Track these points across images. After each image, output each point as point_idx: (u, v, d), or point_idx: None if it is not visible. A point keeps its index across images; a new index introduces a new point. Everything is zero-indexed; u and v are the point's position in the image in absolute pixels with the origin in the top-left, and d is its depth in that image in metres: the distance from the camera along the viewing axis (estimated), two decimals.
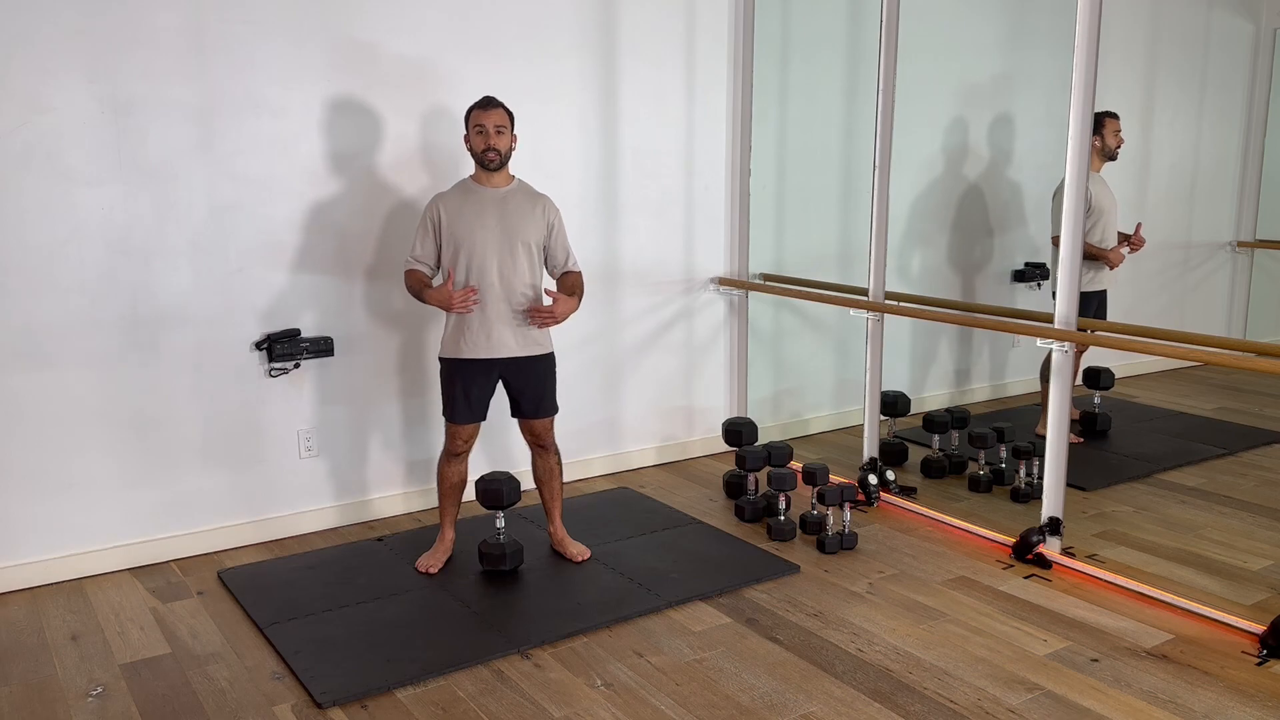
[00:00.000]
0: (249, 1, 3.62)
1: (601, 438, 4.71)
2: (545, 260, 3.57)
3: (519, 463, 4.35)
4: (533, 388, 3.57)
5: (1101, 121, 4.67)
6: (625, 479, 4.68)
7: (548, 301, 3.54)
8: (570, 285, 3.56)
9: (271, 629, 3.22)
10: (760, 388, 5.12)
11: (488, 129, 3.40)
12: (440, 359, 3.56)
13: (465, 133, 3.47)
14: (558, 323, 3.48)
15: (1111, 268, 4.72)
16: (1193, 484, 4.49)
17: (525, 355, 3.52)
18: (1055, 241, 4.78)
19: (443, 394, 3.58)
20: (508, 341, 3.48)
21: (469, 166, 4.09)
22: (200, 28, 3.56)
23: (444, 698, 2.85)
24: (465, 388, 3.51)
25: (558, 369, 3.72)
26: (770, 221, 5.00)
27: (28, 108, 3.34)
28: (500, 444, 4.39)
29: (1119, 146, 4.73)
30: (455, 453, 3.60)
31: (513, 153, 3.50)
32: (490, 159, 3.42)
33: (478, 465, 4.24)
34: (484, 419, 3.59)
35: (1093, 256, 4.67)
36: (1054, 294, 3.65)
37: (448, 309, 3.41)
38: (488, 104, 3.44)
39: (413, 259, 3.53)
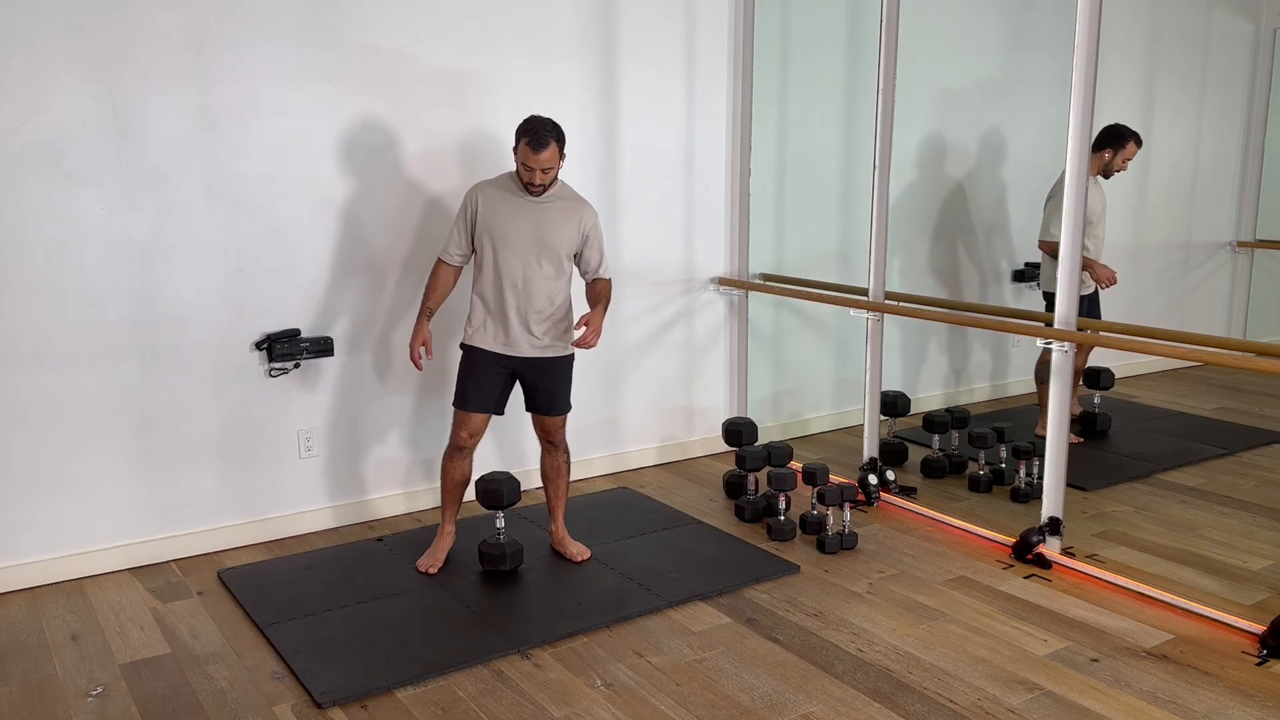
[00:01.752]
0: (249, 1, 3.62)
1: (601, 438, 4.72)
2: (578, 263, 3.58)
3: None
4: (546, 385, 3.58)
5: (1124, 140, 4.59)
6: (625, 479, 4.68)
7: (578, 333, 3.55)
8: (596, 294, 3.59)
9: (271, 629, 3.22)
10: (760, 388, 5.12)
11: (535, 170, 3.34)
12: (461, 345, 3.59)
13: (515, 144, 3.37)
14: (598, 336, 3.46)
15: (1101, 284, 4.63)
16: (1193, 484, 4.49)
17: (544, 357, 3.54)
18: (1043, 246, 4.73)
19: (458, 380, 3.59)
20: (521, 344, 3.50)
21: (471, 167, 4.11)
22: (200, 28, 3.56)
23: (444, 698, 2.85)
24: (479, 377, 3.52)
25: None
26: (770, 221, 5.00)
27: (28, 108, 3.34)
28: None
29: (1120, 170, 4.68)
30: (460, 446, 3.59)
31: (560, 170, 3.45)
32: (534, 192, 3.41)
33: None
34: (498, 413, 3.58)
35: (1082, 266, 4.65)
36: (1044, 294, 3.63)
37: (411, 344, 3.53)
38: (538, 144, 3.29)
39: (448, 253, 3.55)
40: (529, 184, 3.39)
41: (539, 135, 3.31)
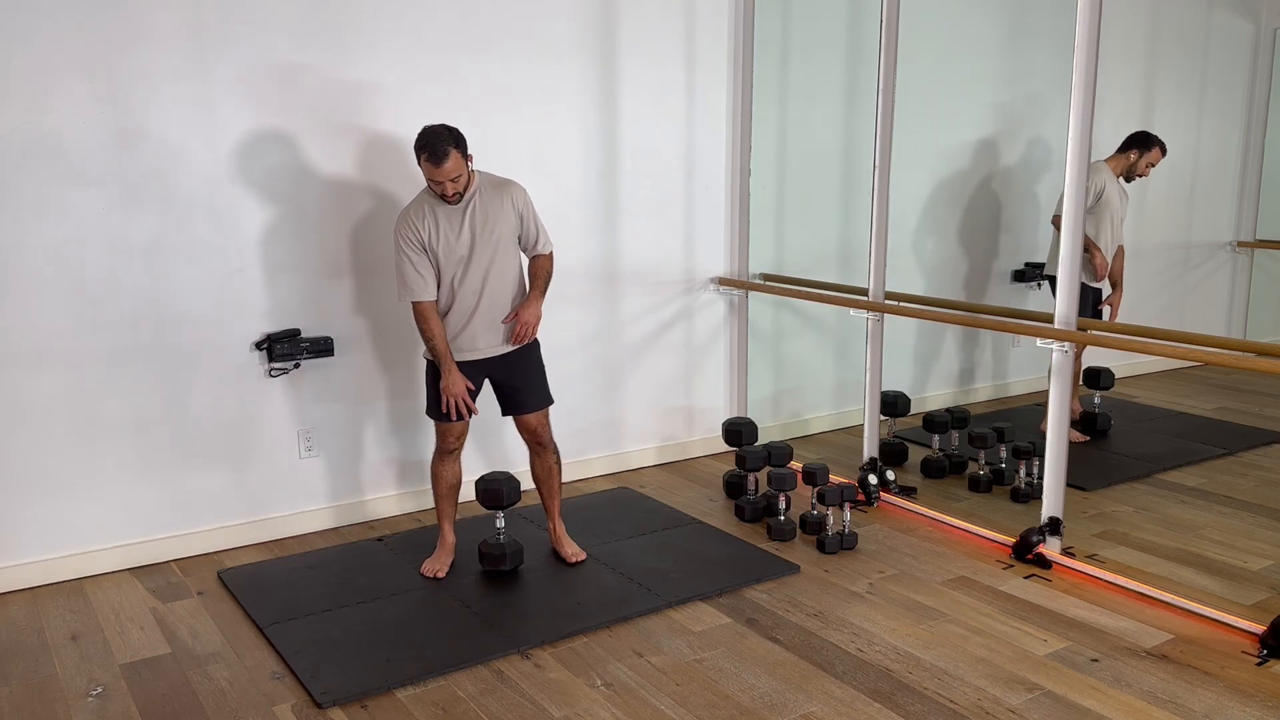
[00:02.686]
0: (249, 1, 3.62)
1: (601, 438, 4.71)
2: (521, 242, 3.52)
3: (517, 463, 4.35)
4: (521, 380, 3.56)
5: (1149, 144, 4.72)
6: (625, 479, 4.68)
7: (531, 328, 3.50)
8: (534, 273, 3.54)
9: (271, 629, 3.22)
10: (760, 388, 5.12)
11: (444, 182, 3.26)
12: (427, 359, 3.55)
13: (418, 158, 3.26)
14: (535, 328, 3.48)
15: (1096, 274, 4.71)
16: (1193, 484, 4.49)
17: (506, 352, 3.52)
18: (1055, 222, 4.80)
19: (428, 394, 3.56)
20: (488, 345, 3.48)
21: (474, 164, 4.10)
22: (200, 28, 3.56)
23: (444, 698, 2.85)
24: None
25: (557, 368, 3.72)
26: (770, 221, 5.00)
27: (28, 108, 3.34)
28: (498, 444, 4.39)
29: (1142, 175, 4.79)
30: (448, 450, 3.59)
31: (471, 167, 3.35)
32: (452, 201, 3.33)
33: (475, 466, 4.25)
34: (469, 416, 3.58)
35: (1086, 249, 4.66)
36: (1052, 281, 3.62)
37: (446, 394, 3.41)
38: (437, 157, 3.19)
39: (418, 293, 3.37)
40: (443, 196, 3.31)
41: (436, 148, 3.19)
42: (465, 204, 3.39)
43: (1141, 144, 4.74)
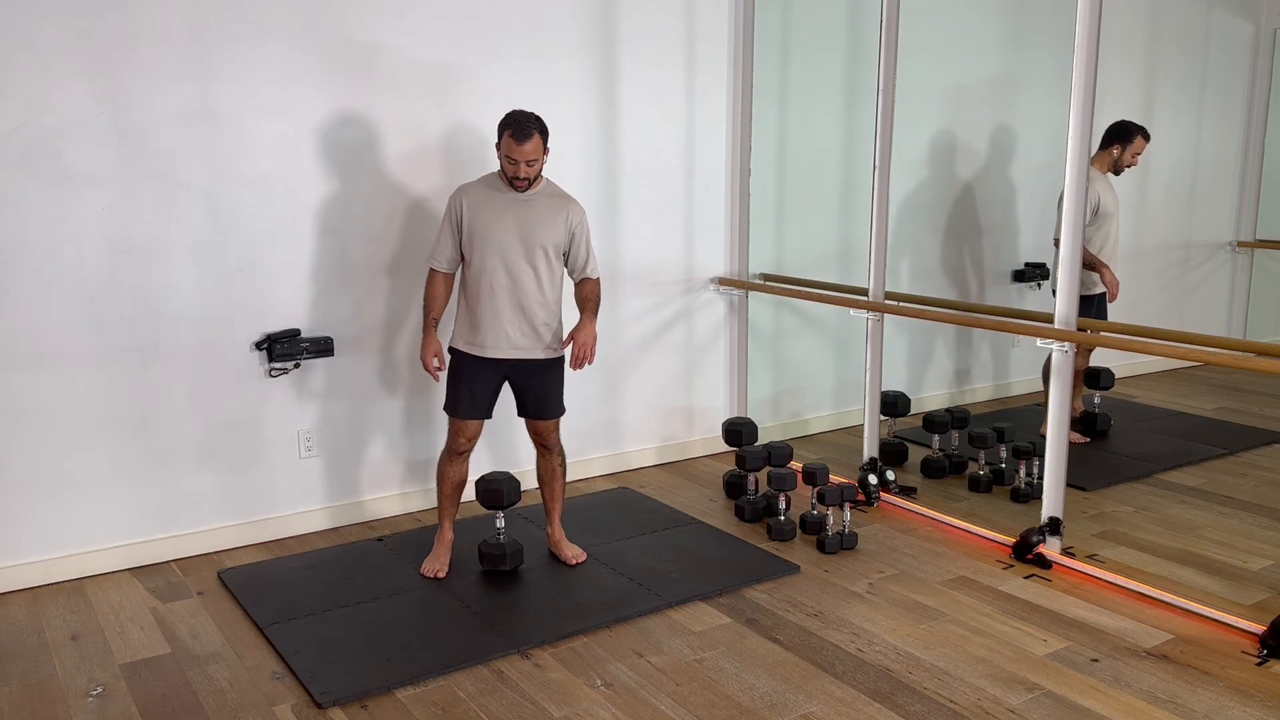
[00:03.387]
0: (249, 1, 3.62)
1: (601, 438, 4.71)
2: (566, 262, 3.55)
3: (523, 462, 4.36)
4: (538, 389, 3.57)
5: (1130, 135, 4.66)
6: (625, 479, 4.68)
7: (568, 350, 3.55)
8: (585, 297, 3.55)
9: (271, 629, 3.22)
10: (760, 388, 5.12)
11: (519, 162, 3.30)
12: (450, 349, 3.56)
13: (497, 140, 3.36)
14: (592, 351, 3.47)
15: (1109, 291, 4.68)
16: (1193, 484, 4.49)
17: (533, 358, 3.52)
18: (1057, 243, 4.79)
19: (447, 387, 3.57)
20: (518, 343, 3.48)
21: (471, 165, 4.10)
22: (200, 28, 3.56)
23: (444, 698, 2.85)
24: (470, 382, 3.50)
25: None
26: (770, 221, 5.00)
27: (28, 108, 3.34)
28: (505, 443, 4.39)
29: (1131, 166, 4.73)
30: (458, 451, 3.59)
31: (545, 162, 3.41)
32: (519, 187, 3.37)
33: (482, 464, 4.25)
34: (488, 417, 3.57)
35: (1091, 266, 4.65)
36: (1054, 291, 3.66)
37: (423, 357, 3.49)
38: (521, 135, 3.27)
39: (437, 260, 3.50)
40: (514, 178, 3.34)
41: (522, 126, 3.28)
42: (523, 199, 3.41)
43: (1121, 136, 4.67)
